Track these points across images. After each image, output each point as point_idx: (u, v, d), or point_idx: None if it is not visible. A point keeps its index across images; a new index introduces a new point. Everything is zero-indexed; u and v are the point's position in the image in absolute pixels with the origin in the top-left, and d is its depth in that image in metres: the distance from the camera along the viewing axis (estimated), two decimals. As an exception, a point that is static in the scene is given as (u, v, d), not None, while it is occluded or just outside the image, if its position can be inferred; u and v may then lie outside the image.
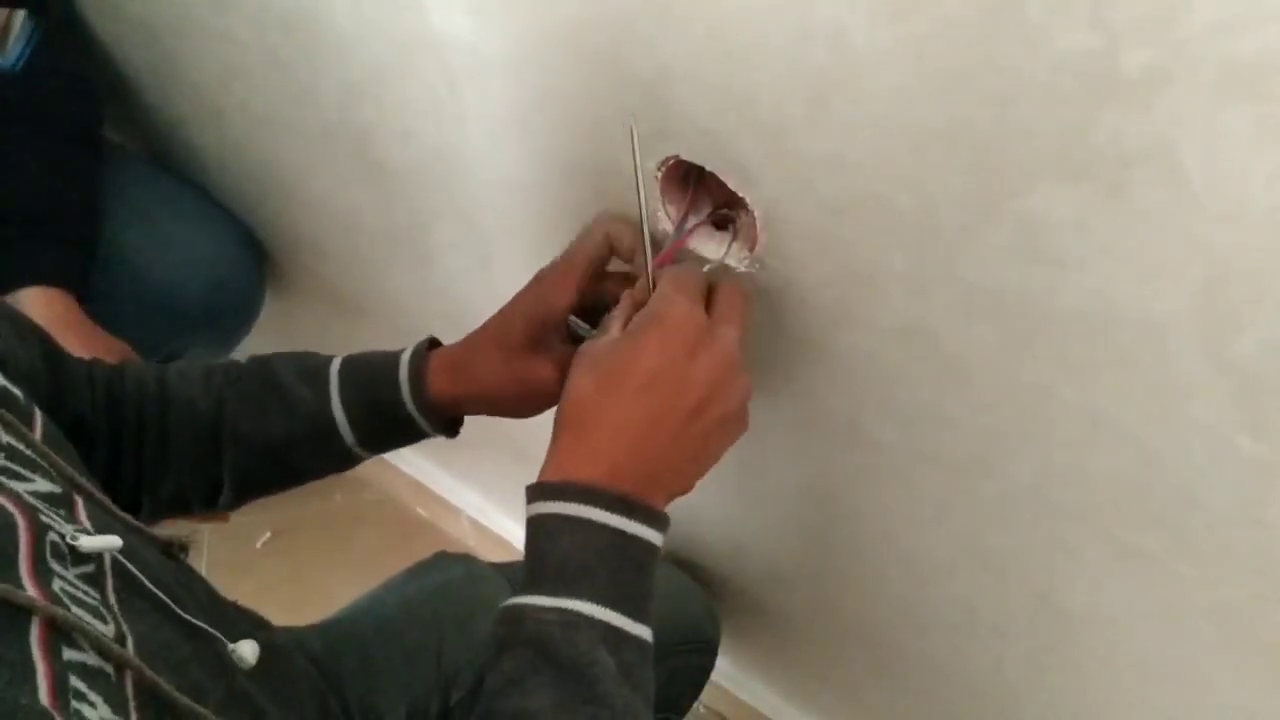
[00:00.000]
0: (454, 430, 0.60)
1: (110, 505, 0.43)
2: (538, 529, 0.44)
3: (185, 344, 1.00)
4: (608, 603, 0.42)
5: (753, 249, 0.51)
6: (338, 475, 0.61)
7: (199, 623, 0.41)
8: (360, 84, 0.67)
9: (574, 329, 0.56)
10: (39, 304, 0.79)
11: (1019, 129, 0.36)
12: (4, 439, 0.38)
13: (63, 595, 0.33)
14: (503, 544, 1.35)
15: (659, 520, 0.44)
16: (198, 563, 1.32)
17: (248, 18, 0.70)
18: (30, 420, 0.42)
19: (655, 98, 0.48)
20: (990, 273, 0.42)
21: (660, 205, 0.54)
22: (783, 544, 0.80)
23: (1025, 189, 0.38)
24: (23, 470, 0.38)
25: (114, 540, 0.37)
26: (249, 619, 0.56)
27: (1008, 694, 0.72)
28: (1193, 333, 0.38)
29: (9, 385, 0.42)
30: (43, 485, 0.38)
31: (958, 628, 0.69)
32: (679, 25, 0.43)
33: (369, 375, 0.57)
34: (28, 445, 0.40)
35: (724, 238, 0.53)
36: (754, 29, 0.41)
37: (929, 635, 0.74)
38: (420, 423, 0.57)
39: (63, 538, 0.36)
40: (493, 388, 0.55)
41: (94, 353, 0.77)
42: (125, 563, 0.39)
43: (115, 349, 0.81)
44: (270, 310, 1.09)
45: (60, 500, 0.39)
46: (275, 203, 0.96)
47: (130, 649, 0.34)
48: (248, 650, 0.42)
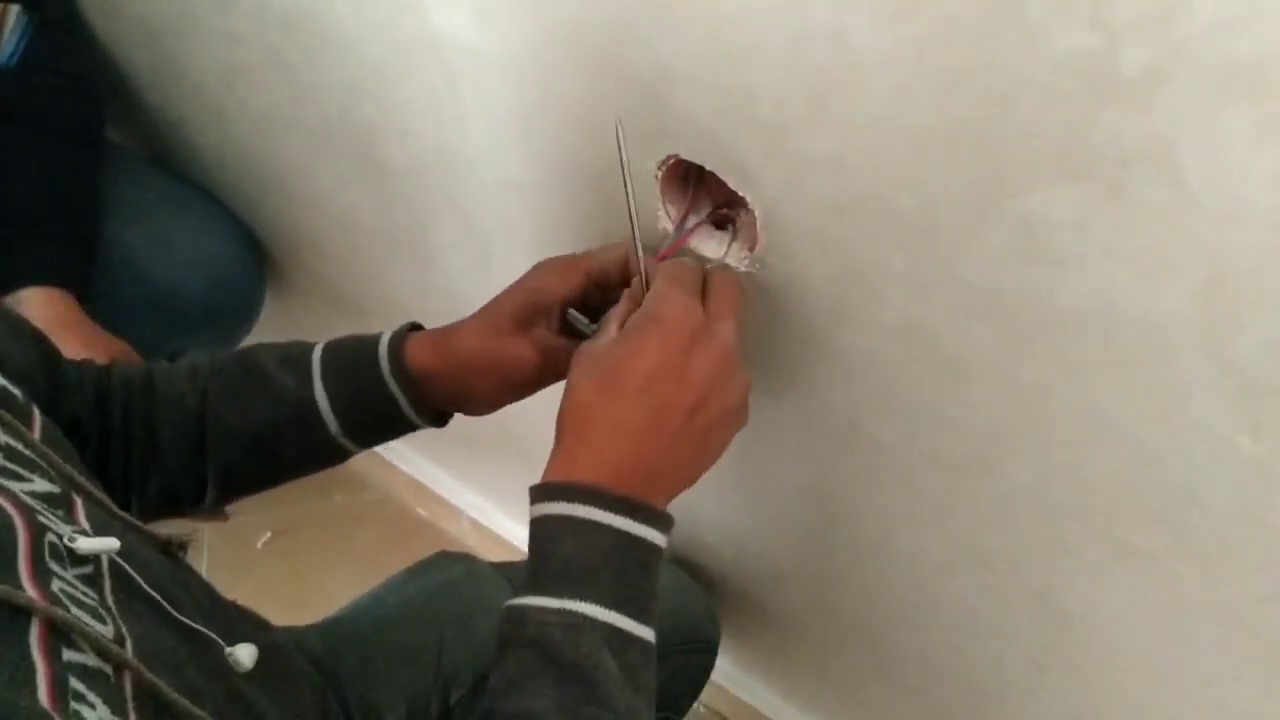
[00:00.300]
0: (441, 420, 0.59)
1: (110, 504, 0.43)
2: (541, 530, 0.44)
3: (185, 344, 1.00)
4: (611, 604, 0.42)
5: (753, 248, 0.51)
6: (337, 475, 0.60)
7: (196, 625, 0.41)
8: (361, 83, 0.67)
9: (574, 323, 0.56)
10: (39, 304, 0.79)
11: (1019, 129, 0.36)
12: (2, 439, 0.38)
13: (62, 596, 0.33)
14: (503, 544, 1.35)
15: (662, 521, 0.44)
16: (198, 563, 1.32)
17: (248, 17, 0.70)
18: (29, 420, 0.42)
19: (655, 97, 0.48)
20: (990, 272, 0.42)
21: (660, 205, 0.54)
22: (783, 544, 0.80)
23: (1025, 189, 0.38)
24: (21, 470, 0.38)
25: (112, 542, 0.37)
26: (249, 619, 0.56)
27: (1008, 694, 0.72)
28: (1192, 332, 0.38)
29: (7, 385, 0.42)
30: (41, 485, 0.38)
31: (958, 627, 0.69)
32: (679, 25, 0.43)
33: (350, 354, 0.56)
34: (26, 445, 0.40)
35: (724, 237, 0.53)
36: (754, 29, 0.41)
37: (929, 635, 0.74)
38: (402, 403, 0.56)
39: (61, 539, 0.36)
40: (468, 361, 0.54)
41: (94, 352, 0.78)
42: (123, 564, 0.39)
43: (115, 349, 0.81)
44: (270, 310, 1.09)
45: (59, 500, 0.39)
46: (275, 202, 0.96)
47: (129, 650, 0.34)
48: (245, 654, 0.42)
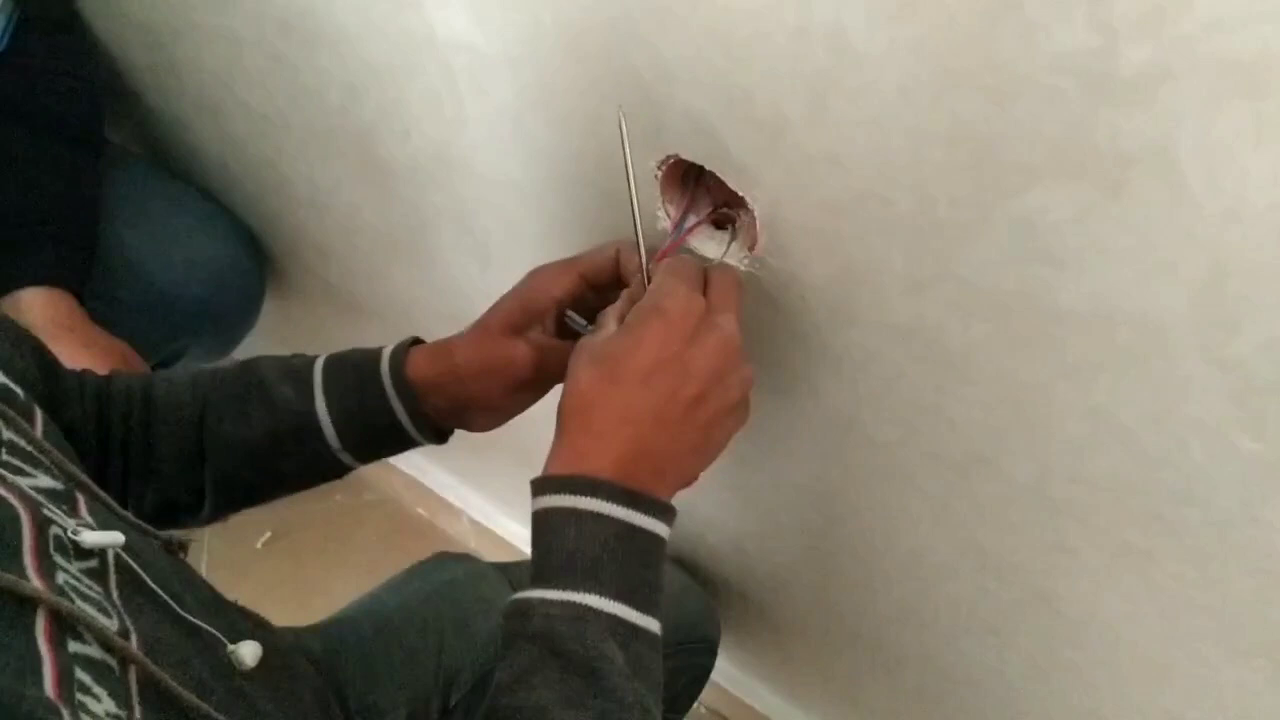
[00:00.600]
0: (441, 437, 0.59)
1: (111, 502, 0.43)
2: (543, 523, 0.44)
3: (186, 344, 1.00)
4: (616, 596, 0.42)
5: (753, 248, 0.51)
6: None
7: (199, 622, 0.41)
8: (361, 83, 0.67)
9: (571, 324, 0.56)
10: (39, 304, 0.79)
11: (1018, 128, 0.36)
12: (5, 434, 0.38)
13: (67, 589, 0.33)
14: (504, 544, 1.35)
15: (665, 511, 0.44)
16: (198, 563, 1.32)
17: (248, 17, 0.70)
18: (31, 417, 0.42)
19: (655, 97, 0.48)
20: (990, 272, 0.42)
21: (660, 204, 0.54)
22: (783, 544, 0.80)
23: (1024, 188, 0.38)
24: (25, 465, 0.38)
25: (117, 536, 0.37)
26: (250, 619, 0.56)
27: (1008, 693, 0.72)
28: (1192, 332, 0.38)
29: (9, 383, 0.42)
30: (45, 481, 0.38)
31: (958, 627, 0.69)
32: (679, 25, 0.43)
33: (352, 371, 0.56)
34: (29, 441, 0.40)
35: (724, 237, 0.53)
36: (754, 28, 0.41)
37: (929, 635, 0.74)
38: (401, 414, 0.55)
39: (65, 531, 0.36)
40: (466, 368, 0.54)
41: (94, 352, 0.78)
42: (128, 559, 0.39)
43: (115, 349, 0.81)
44: (270, 310, 1.09)
45: (62, 496, 0.39)
46: (275, 202, 0.96)
47: (134, 644, 0.34)
48: (247, 652, 0.42)
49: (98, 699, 0.30)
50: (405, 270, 0.88)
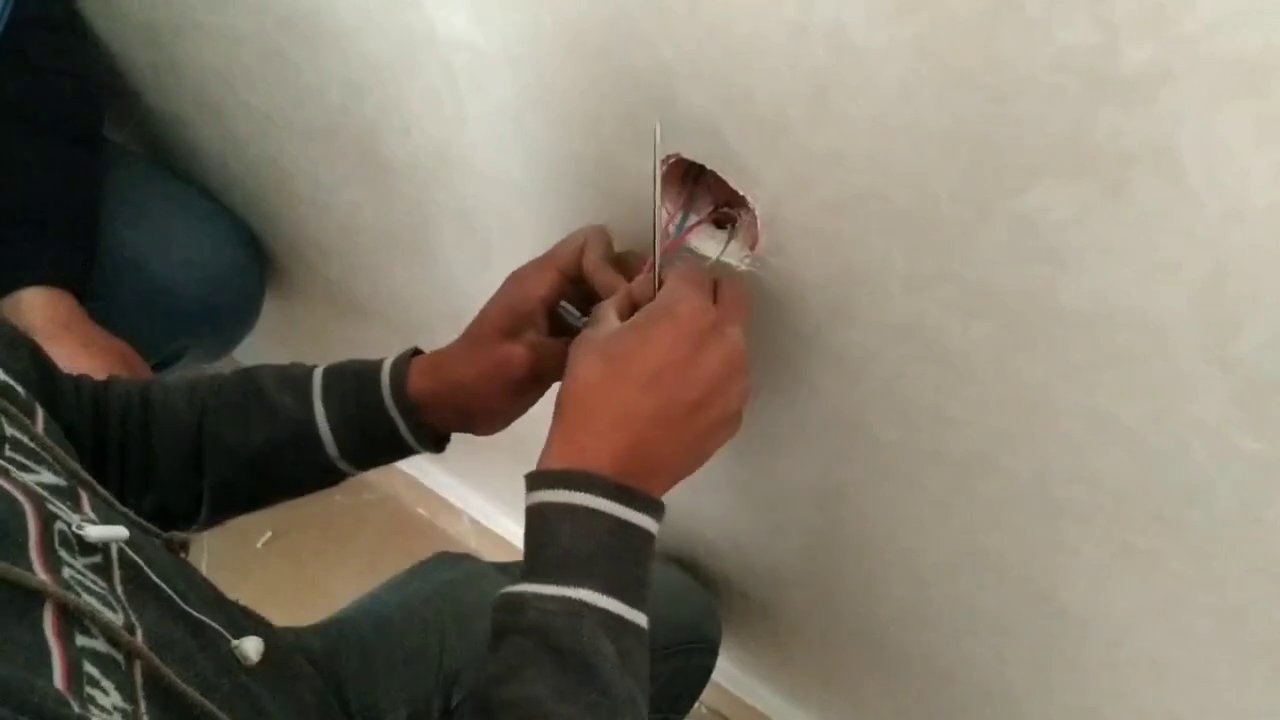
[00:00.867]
0: (440, 445, 0.59)
1: (112, 499, 0.43)
2: (538, 517, 0.44)
3: (186, 343, 1.00)
4: (608, 591, 0.42)
5: (753, 247, 0.51)
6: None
7: (203, 618, 0.41)
8: (362, 81, 0.67)
9: (565, 316, 0.56)
10: (39, 304, 0.79)
11: (1019, 127, 0.36)
12: (7, 431, 0.38)
13: (72, 583, 0.33)
14: (504, 544, 1.35)
15: (656, 508, 0.45)
16: (198, 563, 1.32)
17: (249, 15, 0.70)
18: (32, 414, 0.42)
19: (656, 96, 0.48)
20: (991, 271, 0.42)
21: (661, 203, 0.54)
22: (784, 543, 0.80)
23: (1025, 187, 0.38)
24: (28, 461, 0.38)
25: (121, 531, 0.37)
26: (252, 619, 0.56)
27: (1009, 693, 0.72)
28: (1193, 331, 0.38)
29: (10, 380, 0.42)
30: (48, 477, 0.38)
31: (959, 627, 0.69)
32: (679, 23, 0.43)
33: (352, 382, 0.56)
34: (31, 438, 0.40)
35: (724, 236, 0.53)
36: (754, 26, 0.41)
37: (930, 634, 0.74)
38: (401, 427, 0.56)
39: (69, 526, 0.36)
40: (466, 378, 0.55)
41: (94, 352, 0.78)
42: (131, 554, 0.39)
43: (115, 349, 0.81)
44: (271, 310, 1.09)
45: (65, 493, 0.39)
46: (276, 201, 0.96)
47: (139, 639, 0.34)
48: (251, 647, 0.42)
49: (105, 692, 0.30)
50: (406, 268, 0.88)
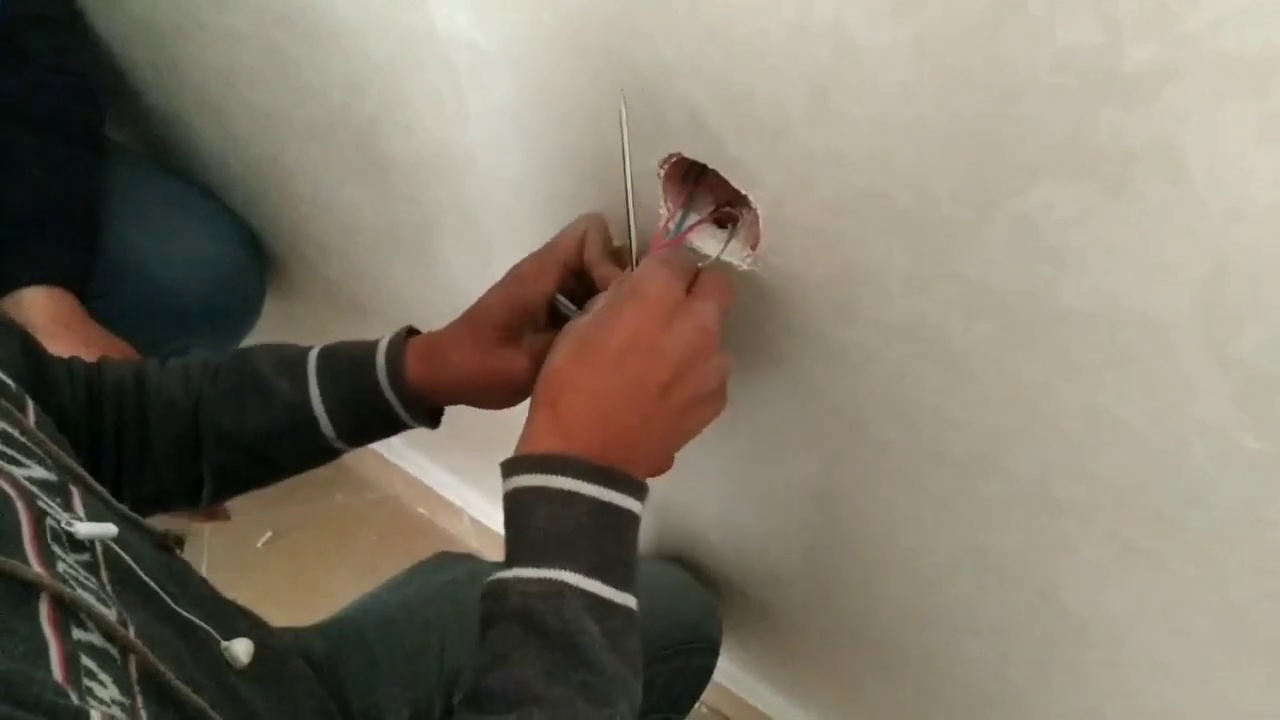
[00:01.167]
0: (435, 420, 0.59)
1: (105, 494, 0.43)
2: (515, 503, 0.43)
3: (186, 343, 1.00)
4: (589, 572, 0.41)
5: (754, 247, 0.51)
6: (337, 475, 0.60)
7: (192, 618, 0.41)
8: (362, 79, 0.67)
9: (561, 309, 0.56)
10: (40, 303, 0.79)
11: (1021, 126, 0.36)
12: None
13: (67, 578, 0.33)
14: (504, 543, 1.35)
15: (637, 488, 0.44)
16: (198, 563, 1.32)
17: (249, 14, 0.70)
18: (23, 407, 0.42)
19: (657, 95, 0.48)
20: (992, 270, 0.42)
21: (662, 203, 0.54)
22: (784, 543, 0.80)
23: (1027, 186, 0.38)
24: (19, 456, 0.38)
25: (109, 528, 0.37)
26: (248, 619, 0.56)
27: (1010, 693, 0.72)
28: (1194, 331, 0.38)
29: (1, 375, 0.42)
30: (39, 472, 0.38)
31: (960, 627, 0.69)
32: (680, 22, 0.43)
33: (347, 366, 0.56)
34: (23, 433, 0.39)
35: (726, 235, 0.53)
36: (755, 25, 0.40)
37: (931, 634, 0.74)
38: (400, 413, 0.57)
39: (59, 523, 0.36)
40: (467, 378, 0.55)
41: (93, 351, 0.78)
42: (120, 552, 0.39)
43: (116, 348, 0.81)
44: (271, 309, 1.09)
45: (56, 489, 0.39)
46: (276, 200, 0.96)
47: (132, 635, 0.34)
48: (241, 649, 0.42)
49: (104, 685, 0.30)
50: (407, 267, 0.88)
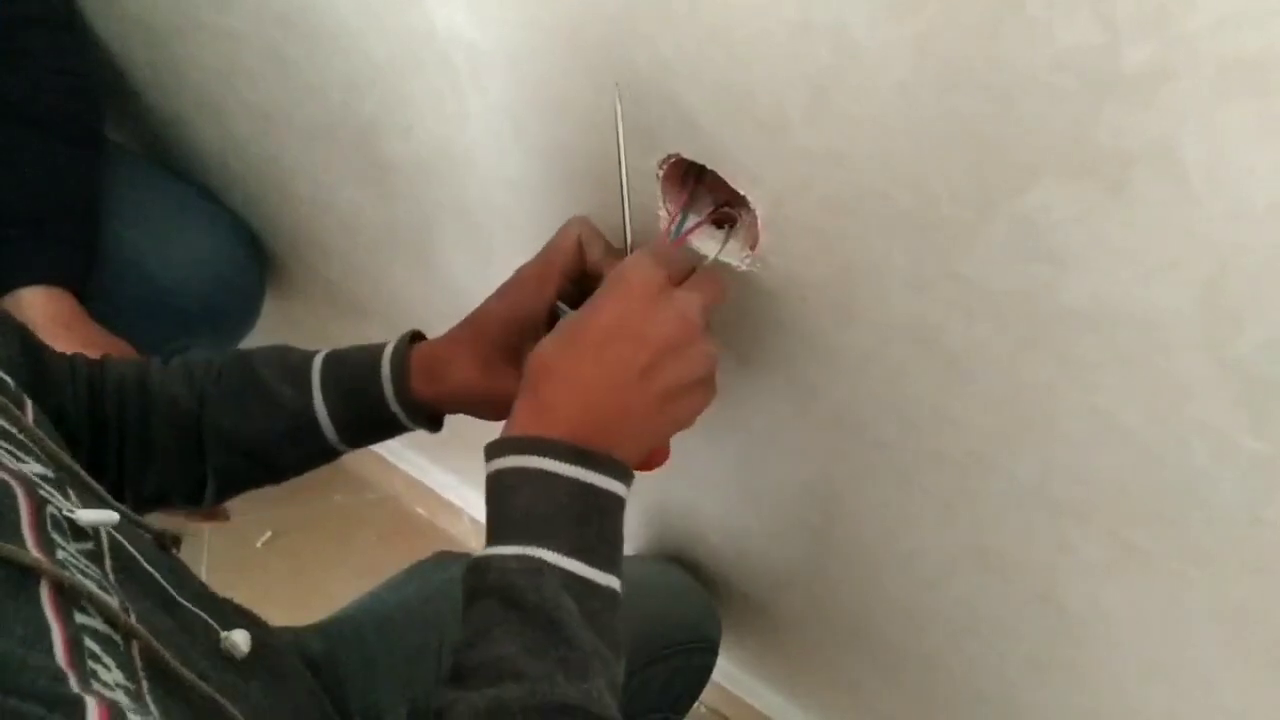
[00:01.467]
0: (437, 425, 0.60)
1: (102, 492, 0.43)
2: (497, 484, 0.44)
3: (186, 343, 1.00)
4: (569, 551, 0.42)
5: (754, 247, 0.51)
6: (337, 475, 0.61)
7: (194, 609, 0.41)
8: (362, 79, 0.67)
9: (559, 313, 0.56)
10: (39, 303, 0.79)
11: (1020, 126, 0.36)
12: None
13: (68, 564, 0.33)
14: (503, 543, 1.35)
15: (619, 471, 0.44)
16: (198, 563, 1.32)
17: (248, 14, 0.70)
18: (22, 405, 0.42)
19: (656, 95, 0.47)
20: (992, 271, 0.42)
21: (661, 204, 0.54)
22: (784, 543, 0.80)
23: (1026, 186, 0.38)
24: (17, 452, 0.38)
25: (111, 515, 0.37)
26: (246, 617, 0.55)
27: (1009, 693, 0.72)
28: (1194, 331, 0.38)
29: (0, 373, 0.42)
30: (36, 468, 0.38)
31: (959, 627, 0.69)
32: (679, 22, 0.43)
33: (351, 375, 0.57)
34: (20, 429, 0.40)
35: (725, 236, 0.53)
36: (755, 25, 0.40)
37: (930, 635, 0.73)
38: (404, 421, 0.57)
39: (60, 511, 0.35)
40: (468, 396, 0.56)
41: (93, 352, 0.78)
42: (123, 541, 0.39)
43: (116, 348, 0.81)
44: (271, 309, 1.09)
45: (54, 484, 0.38)
46: (276, 201, 0.96)
47: (134, 621, 0.34)
48: (241, 639, 0.42)
49: (108, 668, 0.30)
50: (407, 268, 0.88)
